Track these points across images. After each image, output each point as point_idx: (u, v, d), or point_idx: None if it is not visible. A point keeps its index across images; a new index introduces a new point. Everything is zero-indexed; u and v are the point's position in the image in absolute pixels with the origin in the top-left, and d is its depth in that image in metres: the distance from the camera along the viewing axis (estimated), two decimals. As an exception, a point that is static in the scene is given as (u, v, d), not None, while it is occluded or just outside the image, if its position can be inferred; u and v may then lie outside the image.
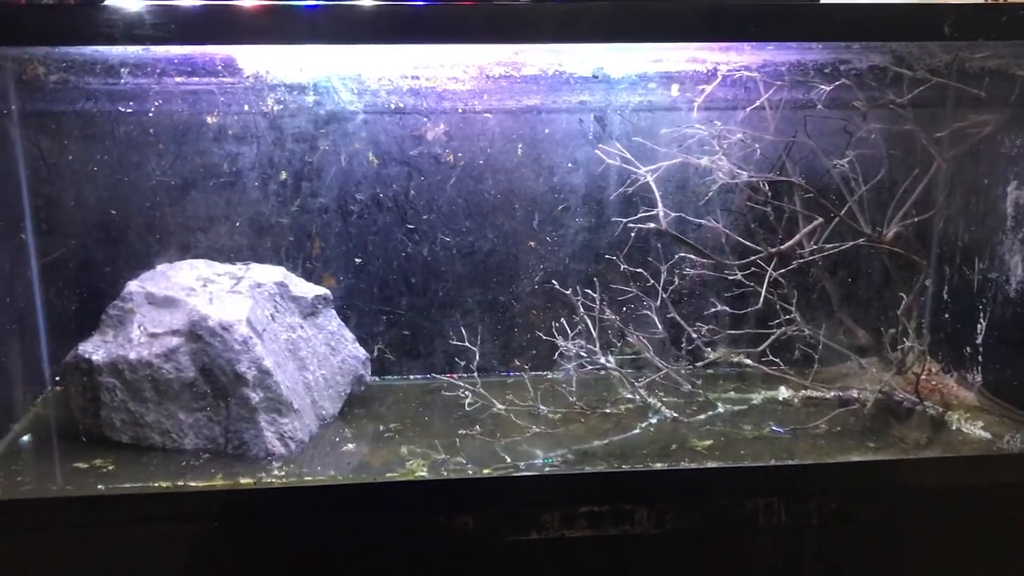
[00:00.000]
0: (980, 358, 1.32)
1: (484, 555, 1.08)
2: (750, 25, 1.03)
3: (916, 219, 1.25)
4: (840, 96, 1.22)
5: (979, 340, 1.32)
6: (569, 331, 1.28)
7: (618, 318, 1.29)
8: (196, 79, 1.27)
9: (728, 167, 1.24)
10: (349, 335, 1.30)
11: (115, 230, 1.32)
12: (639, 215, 1.27)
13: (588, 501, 1.07)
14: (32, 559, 1.02)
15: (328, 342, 1.27)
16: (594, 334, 1.27)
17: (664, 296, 1.28)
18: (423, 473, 1.08)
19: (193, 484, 1.04)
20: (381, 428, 1.22)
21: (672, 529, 1.08)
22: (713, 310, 1.33)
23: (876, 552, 1.12)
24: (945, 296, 1.39)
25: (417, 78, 1.30)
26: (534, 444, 1.16)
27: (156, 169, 1.31)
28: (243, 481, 1.06)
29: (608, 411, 1.26)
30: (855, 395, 1.26)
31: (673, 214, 1.28)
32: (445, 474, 1.08)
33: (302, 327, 1.24)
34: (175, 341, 1.13)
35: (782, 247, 1.26)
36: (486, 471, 1.08)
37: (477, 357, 1.31)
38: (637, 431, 1.20)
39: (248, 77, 1.27)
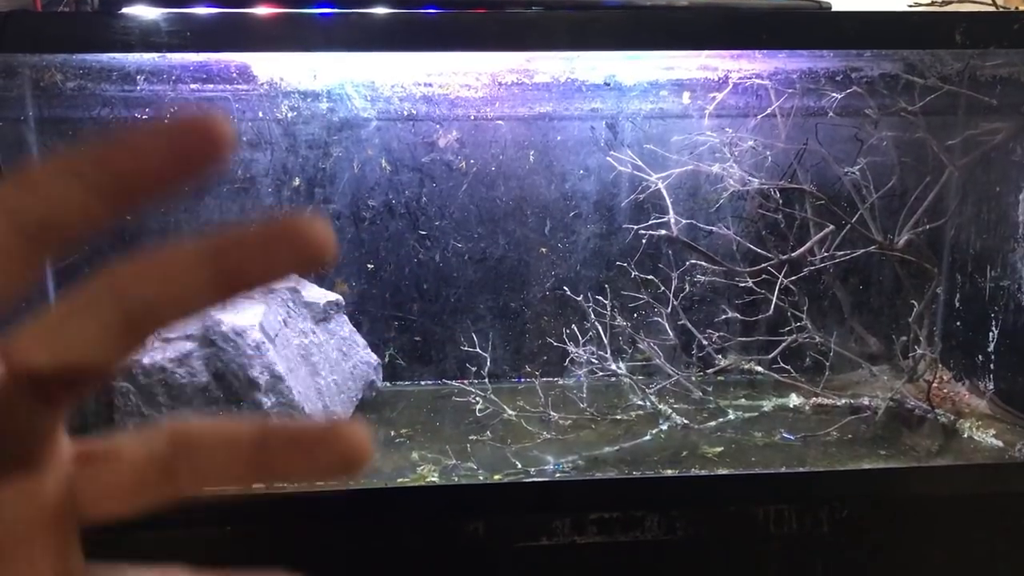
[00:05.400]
0: (992, 366, 1.32)
1: (494, 561, 1.08)
2: (762, 33, 1.03)
3: (928, 227, 1.25)
4: (851, 103, 1.23)
5: (991, 348, 1.32)
6: (580, 337, 1.29)
7: (629, 325, 1.29)
8: (211, 86, 1.28)
9: (739, 174, 1.24)
10: (361, 340, 1.31)
11: (129, 235, 1.33)
12: (650, 222, 1.28)
13: (599, 507, 1.07)
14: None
15: (340, 347, 1.27)
16: (605, 340, 1.28)
17: (675, 303, 1.28)
18: (434, 479, 1.08)
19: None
20: (392, 433, 1.22)
21: (683, 536, 1.08)
22: (724, 317, 1.33)
23: (887, 560, 1.12)
24: (957, 304, 1.39)
25: (430, 85, 1.31)
26: (545, 450, 1.16)
27: (170, 175, 1.31)
28: (255, 486, 1.06)
29: (619, 417, 1.26)
30: (866, 403, 1.26)
31: (684, 221, 1.28)
32: (456, 480, 1.08)
33: (314, 332, 1.24)
34: (188, 346, 1.14)
35: (793, 254, 1.26)
36: (497, 477, 1.09)
37: (488, 363, 1.31)
38: (648, 437, 1.20)
39: (262, 84, 1.28)
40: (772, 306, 1.22)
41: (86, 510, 0.27)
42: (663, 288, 1.29)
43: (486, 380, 1.29)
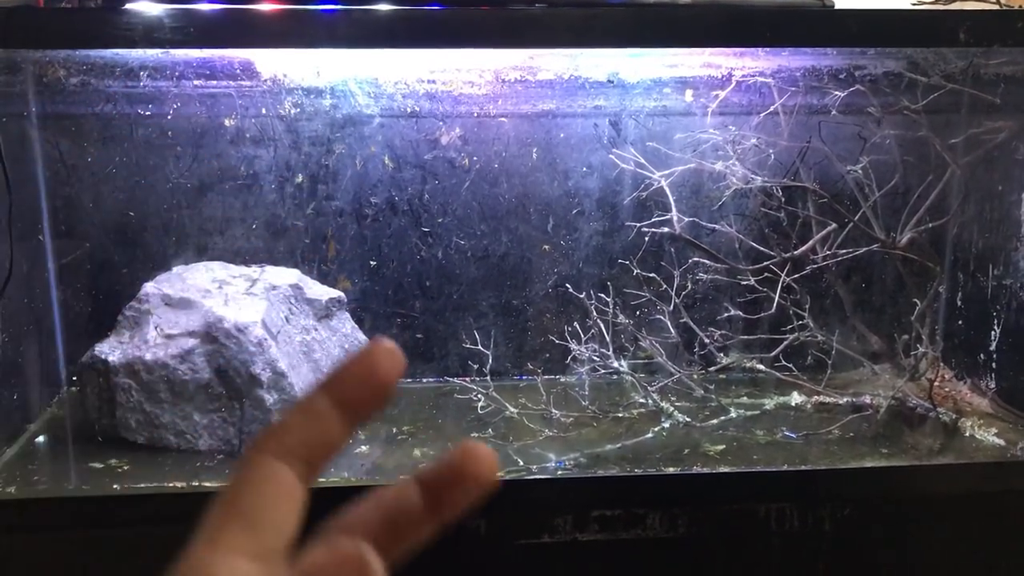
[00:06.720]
0: (994, 365, 1.32)
1: (496, 558, 1.08)
2: (765, 30, 1.03)
3: (930, 225, 1.25)
4: (854, 102, 1.23)
5: (993, 347, 1.32)
6: (582, 335, 1.29)
7: (631, 322, 1.29)
8: (214, 82, 1.28)
9: (742, 172, 1.24)
10: (363, 338, 1.31)
11: (132, 232, 1.33)
12: (653, 219, 1.28)
13: (600, 505, 1.07)
14: (47, 557, 1.03)
15: (342, 344, 1.27)
16: (607, 338, 1.27)
17: (677, 301, 1.28)
18: (436, 475, 1.08)
19: (208, 484, 1.05)
20: (394, 430, 1.22)
21: (684, 534, 1.08)
22: (726, 315, 1.33)
23: (888, 558, 1.12)
24: (959, 302, 1.39)
25: (433, 82, 1.31)
26: (547, 448, 1.16)
27: (173, 171, 1.32)
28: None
29: (621, 415, 1.26)
30: (868, 401, 1.26)
31: (687, 219, 1.28)
32: (458, 477, 1.08)
33: (316, 329, 1.24)
34: (191, 342, 1.14)
35: (795, 252, 1.26)
36: (498, 474, 1.09)
37: (490, 360, 1.31)
38: (650, 435, 1.20)
39: (266, 80, 1.28)
40: (774, 304, 1.22)
41: None
42: (665, 286, 1.29)
43: (488, 377, 1.29)
